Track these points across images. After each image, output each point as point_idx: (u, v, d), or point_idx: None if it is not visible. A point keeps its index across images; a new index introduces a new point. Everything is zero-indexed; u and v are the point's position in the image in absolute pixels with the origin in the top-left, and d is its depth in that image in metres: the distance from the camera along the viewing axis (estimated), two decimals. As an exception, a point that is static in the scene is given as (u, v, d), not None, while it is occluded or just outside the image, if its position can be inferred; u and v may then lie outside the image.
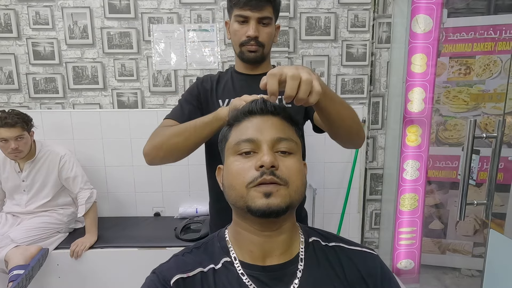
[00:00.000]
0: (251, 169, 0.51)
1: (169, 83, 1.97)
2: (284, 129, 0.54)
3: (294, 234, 0.57)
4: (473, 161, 1.23)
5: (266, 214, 0.49)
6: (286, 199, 0.50)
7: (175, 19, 1.90)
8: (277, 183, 0.49)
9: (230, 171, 0.53)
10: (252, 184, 0.50)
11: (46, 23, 1.88)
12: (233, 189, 0.52)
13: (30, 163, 1.68)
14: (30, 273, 1.38)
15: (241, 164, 0.52)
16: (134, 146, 2.00)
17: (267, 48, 0.94)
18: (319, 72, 1.98)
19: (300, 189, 0.52)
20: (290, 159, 0.52)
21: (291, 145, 0.53)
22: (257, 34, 0.89)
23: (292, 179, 0.51)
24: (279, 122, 0.55)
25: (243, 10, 0.87)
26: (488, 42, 1.97)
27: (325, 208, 2.08)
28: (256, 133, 0.53)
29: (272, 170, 0.49)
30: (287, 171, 0.51)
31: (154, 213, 2.07)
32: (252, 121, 0.54)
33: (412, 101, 1.92)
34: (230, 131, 0.57)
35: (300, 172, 0.53)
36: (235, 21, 0.90)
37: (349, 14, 1.91)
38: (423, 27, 1.83)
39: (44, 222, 1.68)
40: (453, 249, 2.20)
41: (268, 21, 0.90)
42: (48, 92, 1.96)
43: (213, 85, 0.97)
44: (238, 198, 0.51)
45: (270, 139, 0.52)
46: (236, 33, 0.91)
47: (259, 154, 0.51)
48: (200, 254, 0.56)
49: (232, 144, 0.54)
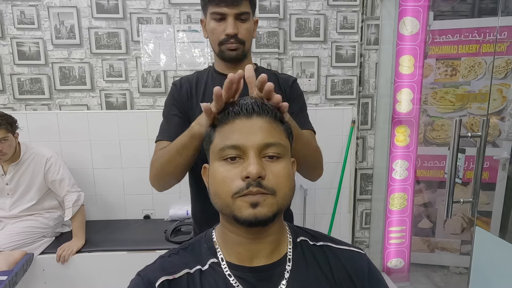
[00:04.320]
0: (237, 178, 0.48)
1: (158, 84, 1.95)
2: (272, 132, 0.50)
3: (282, 234, 0.56)
4: (459, 160, 1.26)
5: (253, 224, 0.48)
6: (273, 207, 0.48)
7: (164, 19, 1.89)
8: (264, 193, 0.47)
9: (215, 178, 0.51)
10: (238, 194, 0.48)
11: (32, 22, 1.84)
12: (218, 197, 0.50)
13: (14, 166, 1.64)
14: (13, 279, 1.34)
15: (226, 172, 0.49)
16: (123, 148, 1.97)
17: (248, 44, 0.89)
18: (309, 73, 1.99)
19: (288, 194, 0.50)
20: (278, 165, 0.50)
21: (279, 149, 0.50)
22: (236, 31, 0.84)
23: (280, 186, 0.49)
24: (266, 124, 0.50)
25: (219, 7, 0.82)
26: (472, 44, 2.02)
27: (316, 208, 2.09)
28: (241, 138, 0.49)
29: (259, 181, 0.47)
30: (274, 179, 0.48)
31: (143, 215, 2.04)
32: (237, 124, 0.50)
33: (400, 102, 1.95)
34: (214, 132, 0.53)
35: (288, 177, 0.50)
36: (212, 19, 0.85)
37: (338, 16, 1.93)
38: (410, 29, 1.86)
39: (29, 227, 1.63)
40: (441, 247, 2.24)
41: (246, 17, 0.85)
42: (34, 93, 1.91)
43: (192, 88, 0.92)
44: (224, 206, 0.50)
45: (257, 145, 0.48)
46: (213, 31, 0.86)
47: (245, 162, 0.48)
48: (187, 255, 0.55)
49: (216, 149, 0.51)
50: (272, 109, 0.52)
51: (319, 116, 1.96)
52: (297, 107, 0.92)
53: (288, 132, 0.54)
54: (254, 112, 0.50)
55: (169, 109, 0.91)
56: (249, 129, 0.49)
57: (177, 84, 0.94)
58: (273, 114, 0.52)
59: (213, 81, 0.93)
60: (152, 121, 1.94)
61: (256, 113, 0.51)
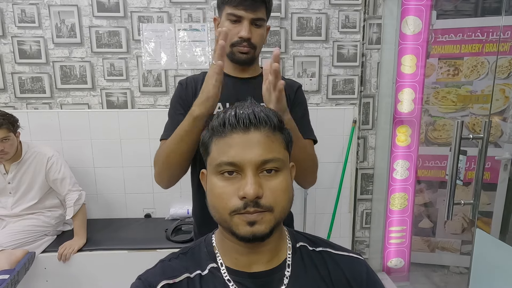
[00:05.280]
0: (234, 196, 0.48)
1: (159, 83, 1.95)
2: (270, 146, 0.49)
3: (281, 241, 0.56)
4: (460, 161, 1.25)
5: (250, 241, 0.48)
6: (271, 223, 0.48)
7: (165, 18, 1.88)
8: (261, 211, 0.47)
9: (212, 192, 0.50)
10: (235, 212, 0.48)
11: (32, 21, 1.84)
12: (216, 211, 0.50)
13: (16, 165, 1.65)
14: (15, 278, 1.35)
15: (223, 188, 0.49)
16: (124, 147, 1.97)
17: (258, 50, 0.90)
18: (310, 73, 1.98)
19: (286, 207, 0.50)
20: (276, 179, 0.49)
21: (277, 164, 0.49)
22: (250, 35, 0.84)
23: (278, 202, 0.49)
24: (264, 138, 0.49)
25: (236, 9, 0.83)
26: (475, 43, 2.01)
27: (316, 208, 2.09)
28: (238, 154, 0.48)
29: (256, 201, 0.47)
30: (272, 196, 0.48)
31: (144, 214, 2.05)
32: (234, 138, 0.49)
33: (402, 102, 1.95)
34: (211, 142, 0.52)
35: (286, 191, 0.50)
36: (227, 20, 0.85)
37: (340, 15, 1.92)
38: (412, 28, 1.85)
39: (31, 225, 1.64)
40: (441, 247, 2.24)
41: (261, 23, 0.86)
42: (35, 92, 1.91)
43: (197, 88, 0.91)
44: (222, 221, 0.50)
45: (255, 161, 0.47)
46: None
47: (242, 179, 0.48)
48: (187, 259, 0.56)
49: (213, 164, 0.50)
50: (271, 118, 0.51)
51: (320, 116, 1.95)
52: (300, 113, 0.92)
53: (287, 140, 0.53)
54: (251, 125, 0.49)
55: (175, 108, 0.91)
56: (246, 144, 0.48)
57: (183, 83, 0.94)
58: (271, 124, 0.50)
59: None
60: (153, 120, 1.94)
61: (254, 125, 0.49)
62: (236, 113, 0.50)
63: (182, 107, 0.91)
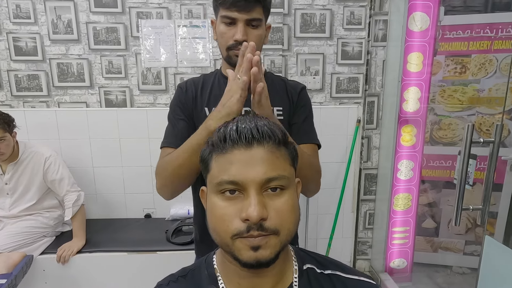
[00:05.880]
0: (236, 217, 0.44)
1: (159, 81, 1.90)
2: (275, 163, 0.45)
3: (287, 263, 0.53)
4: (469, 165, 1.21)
5: (254, 266, 0.45)
6: (276, 248, 0.45)
7: (164, 14, 1.82)
8: (266, 235, 0.44)
9: (213, 213, 0.46)
10: (238, 236, 0.44)
11: (28, 17, 1.78)
12: (217, 234, 0.46)
13: (13, 165, 1.61)
14: (13, 282, 1.33)
15: (224, 209, 0.45)
16: (123, 146, 1.93)
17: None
18: (313, 71, 1.93)
19: (293, 229, 0.47)
20: (281, 198, 0.45)
21: (283, 182, 0.46)
22: (246, 37, 0.80)
23: (284, 224, 0.45)
24: (267, 154, 0.45)
25: (229, 11, 0.79)
26: (484, 40, 1.95)
27: (319, 208, 2.06)
28: (241, 172, 0.44)
29: (261, 223, 0.43)
30: (278, 218, 0.44)
31: (144, 214, 2.02)
32: (235, 155, 0.45)
33: (407, 101, 1.90)
34: (211, 158, 0.48)
35: (292, 211, 0.46)
36: (222, 23, 0.82)
37: (345, 11, 1.86)
38: (420, 25, 1.79)
39: (29, 227, 1.62)
40: (445, 247, 2.22)
41: (258, 23, 0.81)
42: (32, 90, 1.87)
43: (197, 91, 0.88)
44: (223, 245, 0.46)
45: (258, 180, 0.44)
46: (222, 35, 0.82)
47: (245, 200, 0.44)
48: (186, 283, 0.52)
49: (213, 182, 0.46)
50: (275, 132, 0.47)
51: (323, 115, 1.91)
52: (303, 116, 0.89)
53: (293, 155, 0.50)
54: (254, 140, 0.45)
55: (174, 113, 0.88)
56: (249, 161, 0.44)
57: (183, 86, 0.90)
58: (275, 139, 0.47)
59: (220, 85, 0.90)
60: (152, 119, 1.90)
61: (257, 141, 0.45)
62: (237, 128, 0.46)
63: (182, 111, 0.87)
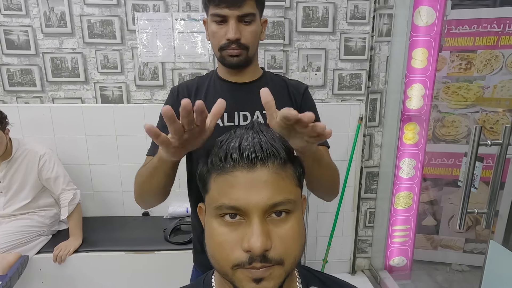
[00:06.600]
0: (237, 246, 0.40)
1: (156, 77, 1.85)
2: (280, 185, 0.41)
3: (291, 284, 0.50)
4: (476, 168, 1.18)
5: None
6: (281, 278, 0.41)
7: (161, 6, 1.75)
8: (269, 266, 0.40)
9: (212, 239, 0.43)
10: (239, 267, 0.40)
11: (19, 8, 1.71)
12: (216, 262, 0.43)
13: (6, 163, 1.57)
14: (8, 284, 1.31)
15: (224, 235, 0.41)
16: (120, 143, 1.89)
17: (253, 49, 0.79)
18: (315, 67, 1.88)
19: (298, 256, 0.43)
20: (286, 224, 0.42)
21: (288, 206, 0.42)
22: (239, 35, 0.74)
23: (289, 252, 0.41)
24: (272, 176, 0.41)
25: (219, 8, 0.73)
26: (491, 36, 1.90)
27: (319, 206, 2.04)
28: (243, 197, 0.40)
29: (264, 254, 0.39)
30: (282, 247, 0.40)
31: (142, 212, 1.99)
32: (237, 177, 0.40)
33: (411, 98, 1.85)
34: (209, 176, 0.44)
35: (298, 238, 0.42)
36: (212, 21, 0.76)
37: (349, 5, 1.79)
38: (425, 19, 1.73)
39: (25, 226, 1.59)
40: (445, 245, 2.21)
41: (251, 18, 0.75)
42: (25, 85, 1.81)
43: (190, 96, 0.82)
44: (223, 274, 0.43)
45: (262, 207, 0.40)
46: (214, 35, 0.77)
47: (247, 228, 0.40)
48: None
49: (213, 205, 0.42)
50: (279, 150, 0.42)
51: (325, 112, 1.85)
52: None
53: (299, 173, 0.45)
54: (257, 161, 0.40)
55: (161, 120, 0.82)
56: (252, 184, 0.40)
57: (174, 91, 0.85)
58: (281, 158, 0.42)
59: (215, 88, 0.84)
60: (149, 115, 1.85)
61: (260, 161, 0.40)
62: (240, 145, 0.41)
63: None
